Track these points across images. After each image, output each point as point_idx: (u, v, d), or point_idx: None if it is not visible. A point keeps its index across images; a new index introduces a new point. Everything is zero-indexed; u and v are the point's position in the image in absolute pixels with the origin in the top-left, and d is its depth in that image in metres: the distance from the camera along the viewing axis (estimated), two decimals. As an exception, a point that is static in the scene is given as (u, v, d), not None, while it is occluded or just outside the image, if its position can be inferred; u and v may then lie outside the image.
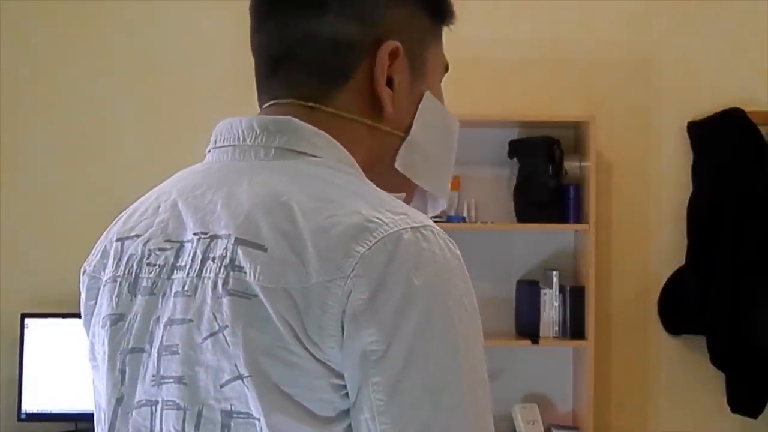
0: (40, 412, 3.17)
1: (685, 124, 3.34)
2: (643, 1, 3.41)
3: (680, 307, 3.29)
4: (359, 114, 0.90)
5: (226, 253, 0.79)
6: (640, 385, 3.38)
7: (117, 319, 0.87)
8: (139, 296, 0.85)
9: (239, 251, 0.78)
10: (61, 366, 3.18)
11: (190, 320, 0.80)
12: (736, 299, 3.14)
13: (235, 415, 0.77)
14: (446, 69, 1.00)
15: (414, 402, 0.73)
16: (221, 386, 0.77)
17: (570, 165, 3.26)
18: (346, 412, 0.75)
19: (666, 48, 3.40)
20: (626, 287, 3.38)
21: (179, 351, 0.80)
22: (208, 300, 0.79)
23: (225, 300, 0.77)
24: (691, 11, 3.40)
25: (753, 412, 3.20)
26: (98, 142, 3.45)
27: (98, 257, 0.93)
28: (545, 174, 3.21)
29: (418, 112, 0.93)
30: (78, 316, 3.01)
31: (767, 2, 3.40)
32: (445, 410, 0.74)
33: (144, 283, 0.85)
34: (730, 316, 3.14)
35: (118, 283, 0.88)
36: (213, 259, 0.80)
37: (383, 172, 0.92)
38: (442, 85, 0.99)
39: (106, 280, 0.90)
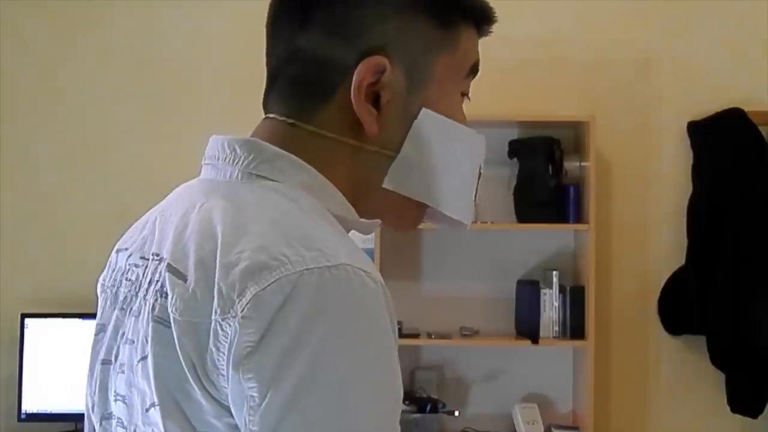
0: (40, 412, 3.17)
1: (685, 124, 3.34)
2: (643, 1, 3.41)
3: (680, 307, 3.29)
4: (342, 133, 0.86)
5: (160, 278, 0.78)
6: (640, 385, 3.38)
7: (100, 329, 0.89)
8: (116, 309, 0.86)
9: (167, 278, 0.77)
10: (61, 366, 3.18)
11: (133, 341, 0.81)
12: (736, 299, 3.14)
13: None
14: (474, 73, 0.93)
15: None
16: (146, 410, 0.78)
17: (570, 165, 3.26)
18: None
19: (666, 48, 3.40)
20: (626, 287, 3.38)
21: (125, 371, 0.82)
22: (144, 323, 0.79)
23: (151, 326, 0.77)
24: (691, 11, 3.40)
25: (753, 412, 3.20)
26: (98, 142, 3.45)
27: (106, 267, 0.95)
28: (545, 174, 3.21)
29: (411, 129, 0.87)
30: (78, 316, 3.01)
31: (767, 2, 3.40)
32: None
33: (120, 297, 0.86)
34: (730, 316, 3.14)
35: (107, 294, 0.90)
36: (155, 283, 0.79)
37: (373, 194, 0.88)
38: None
39: (103, 290, 0.92)
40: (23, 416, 3.17)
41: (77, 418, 3.17)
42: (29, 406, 3.17)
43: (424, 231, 3.34)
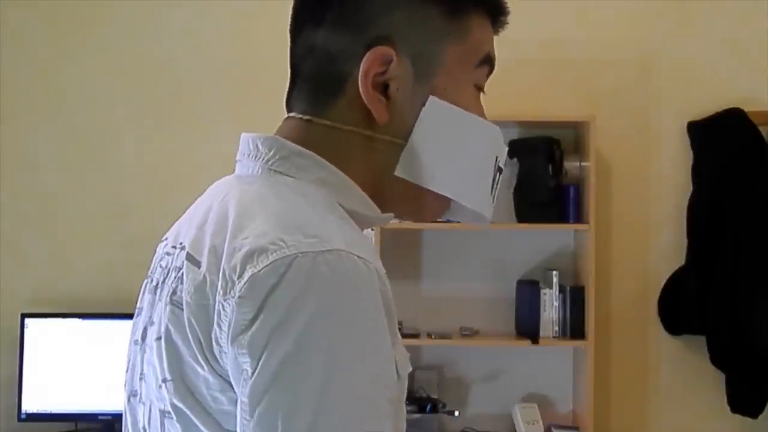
0: (40, 412, 3.17)
1: (685, 124, 3.34)
2: (643, 1, 3.41)
3: (680, 307, 3.29)
4: (355, 124, 0.88)
5: (180, 264, 0.84)
6: (640, 385, 3.38)
7: (138, 312, 0.94)
8: (149, 294, 0.91)
9: (185, 265, 0.82)
10: (61, 366, 3.18)
11: (154, 323, 0.86)
12: (736, 299, 3.14)
13: (167, 414, 0.82)
14: (487, 65, 0.94)
15: (269, 426, 0.71)
16: (159, 386, 0.82)
17: (570, 165, 3.26)
18: None
19: (666, 48, 3.40)
20: (626, 287, 3.38)
21: (146, 350, 0.87)
22: (163, 306, 0.84)
23: (168, 308, 0.82)
24: (691, 11, 3.40)
25: (753, 412, 3.20)
26: (98, 142, 3.45)
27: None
28: (545, 174, 3.21)
29: (420, 117, 0.88)
30: (78, 316, 3.02)
31: (767, 2, 3.40)
32: None
33: (153, 283, 0.91)
34: (730, 316, 3.14)
35: (147, 280, 0.95)
36: (177, 270, 0.84)
37: (389, 184, 0.90)
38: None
39: (147, 277, 0.98)
40: (23, 416, 3.17)
41: (77, 418, 3.17)
42: (29, 406, 3.17)
43: (425, 231, 3.34)
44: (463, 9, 0.90)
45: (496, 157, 0.97)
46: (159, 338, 0.82)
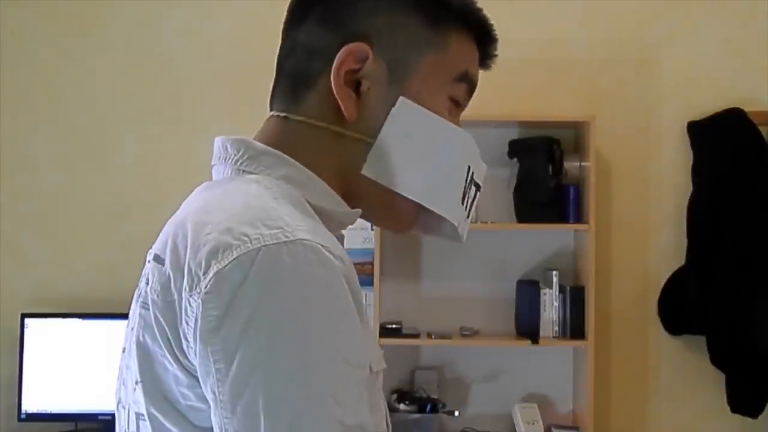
0: (40, 412, 3.17)
1: (685, 124, 3.34)
2: (643, 1, 3.41)
3: (680, 307, 3.29)
4: (325, 120, 0.89)
5: (148, 268, 0.84)
6: (640, 385, 3.38)
7: (128, 323, 0.95)
8: (134, 303, 0.91)
9: (152, 265, 0.83)
10: (61, 366, 3.18)
11: (132, 328, 0.86)
12: (736, 299, 3.14)
13: (141, 417, 0.82)
14: (465, 83, 0.94)
15: (253, 423, 0.71)
16: (134, 389, 0.83)
17: (570, 165, 3.26)
18: None
19: (666, 48, 3.40)
20: (626, 287, 3.38)
21: (126, 356, 0.88)
22: (135, 310, 0.85)
23: (138, 311, 0.83)
24: (691, 11, 3.41)
25: (753, 412, 3.20)
26: (98, 142, 3.45)
27: None
28: (545, 174, 3.21)
29: (388, 117, 0.89)
30: (78, 316, 3.02)
31: (767, 2, 3.40)
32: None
33: (137, 292, 0.91)
34: (730, 316, 3.14)
35: (137, 289, 0.95)
36: (146, 274, 0.85)
37: (358, 184, 0.91)
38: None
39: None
40: (23, 416, 3.17)
41: (77, 418, 3.17)
42: (29, 406, 3.17)
43: (424, 231, 3.34)
44: (443, 22, 0.91)
45: (470, 167, 0.96)
46: (134, 342, 0.83)
